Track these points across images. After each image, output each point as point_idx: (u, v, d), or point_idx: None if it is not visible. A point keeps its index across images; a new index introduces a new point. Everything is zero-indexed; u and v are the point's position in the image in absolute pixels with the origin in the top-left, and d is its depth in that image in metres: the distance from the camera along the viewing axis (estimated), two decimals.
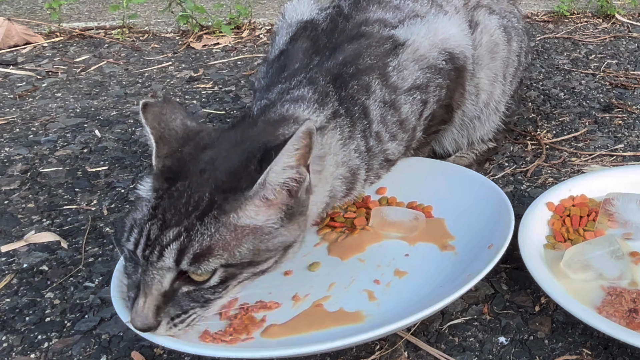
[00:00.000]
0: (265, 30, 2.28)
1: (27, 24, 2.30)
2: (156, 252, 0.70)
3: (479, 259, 0.85)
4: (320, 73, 0.94)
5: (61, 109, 1.61)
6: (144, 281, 0.71)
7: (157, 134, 0.75)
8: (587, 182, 1.04)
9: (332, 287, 0.87)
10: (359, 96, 0.94)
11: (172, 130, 0.76)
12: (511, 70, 1.22)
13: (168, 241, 0.70)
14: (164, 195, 0.72)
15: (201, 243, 0.70)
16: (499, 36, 1.17)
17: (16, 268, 1.00)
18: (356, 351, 0.81)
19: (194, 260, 0.70)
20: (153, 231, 0.71)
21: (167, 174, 0.74)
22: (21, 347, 0.84)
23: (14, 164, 1.33)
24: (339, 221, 1.00)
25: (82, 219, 1.13)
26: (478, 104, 1.17)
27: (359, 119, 0.94)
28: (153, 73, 1.87)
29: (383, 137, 0.98)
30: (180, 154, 0.76)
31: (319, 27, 1.03)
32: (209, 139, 0.79)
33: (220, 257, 0.71)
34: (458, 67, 1.07)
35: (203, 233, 0.70)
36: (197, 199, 0.71)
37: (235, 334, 0.79)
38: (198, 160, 0.75)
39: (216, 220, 0.71)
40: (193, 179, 0.73)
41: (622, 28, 2.20)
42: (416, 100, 1.00)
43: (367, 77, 0.96)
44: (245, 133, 0.81)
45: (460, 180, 1.04)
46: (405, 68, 0.99)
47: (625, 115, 1.47)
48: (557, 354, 0.79)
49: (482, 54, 1.14)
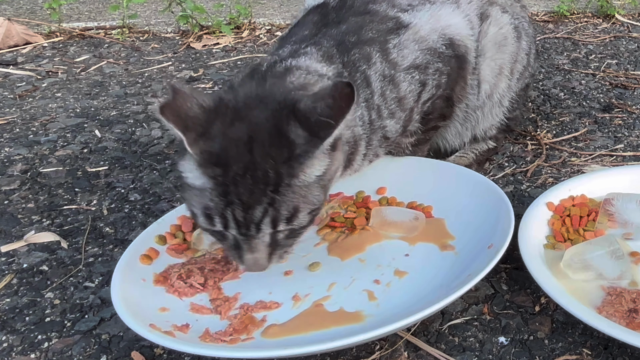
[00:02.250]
0: (265, 30, 2.28)
1: (27, 24, 2.30)
2: (253, 229, 0.79)
3: (479, 259, 0.85)
4: (325, 38, 0.99)
5: (61, 109, 1.61)
6: (248, 246, 0.80)
7: (181, 126, 0.77)
8: (587, 182, 1.04)
9: (332, 287, 0.87)
10: (360, 64, 0.98)
11: (192, 117, 0.78)
12: (519, 67, 1.23)
13: (259, 218, 0.78)
14: (226, 182, 0.77)
15: (287, 208, 0.79)
16: (508, 30, 1.19)
17: (16, 268, 1.00)
18: (356, 351, 0.81)
19: (287, 222, 0.80)
20: (238, 214, 0.77)
21: (212, 159, 0.77)
22: (21, 347, 0.84)
23: (14, 164, 1.33)
24: (339, 221, 1.00)
25: (82, 219, 1.13)
26: (480, 94, 1.18)
27: (361, 87, 0.97)
28: (153, 73, 1.87)
29: (382, 113, 1.01)
30: (210, 135, 0.78)
31: (329, 5, 1.09)
32: (231, 112, 0.81)
33: (305, 208, 0.81)
34: (459, 55, 1.09)
35: (285, 201, 0.78)
36: (262, 176, 0.77)
37: (235, 334, 0.79)
38: (235, 138, 0.78)
39: (290, 186, 0.79)
40: (245, 159, 0.77)
41: (622, 28, 2.20)
42: (414, 80, 1.03)
43: (368, 47, 0.99)
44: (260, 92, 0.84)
45: (460, 180, 1.04)
46: (405, 47, 1.03)
47: (625, 115, 1.47)
48: (557, 354, 0.79)
49: (486, 44, 1.16)
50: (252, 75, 0.90)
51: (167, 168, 1.30)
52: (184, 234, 0.98)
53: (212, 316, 0.83)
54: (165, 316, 0.81)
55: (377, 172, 1.07)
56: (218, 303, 0.85)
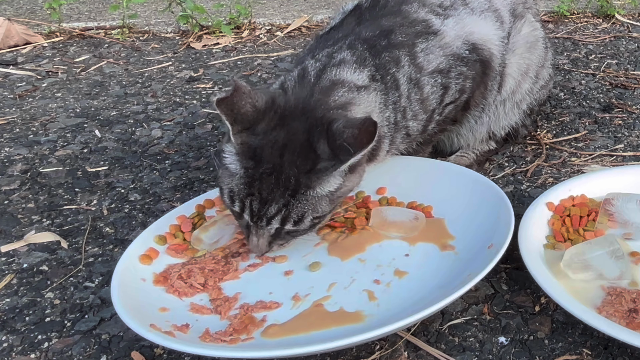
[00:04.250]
0: (265, 30, 2.28)
1: (27, 24, 2.30)
2: (264, 221, 0.89)
3: (479, 259, 0.85)
4: (358, 40, 1.04)
5: (61, 109, 1.61)
6: (256, 231, 0.90)
7: (230, 119, 0.87)
8: (587, 182, 1.04)
9: (332, 287, 0.87)
10: (391, 67, 1.03)
11: (243, 114, 0.88)
12: (545, 74, 1.26)
13: (271, 215, 0.88)
14: (255, 175, 0.87)
15: (297, 213, 0.88)
16: (540, 35, 1.24)
17: (16, 268, 1.00)
18: (356, 351, 0.81)
19: (294, 224, 0.89)
20: (255, 205, 0.88)
21: (249, 152, 0.88)
22: (21, 347, 0.84)
23: (14, 164, 1.33)
24: (339, 221, 1.00)
25: (82, 219, 1.13)
26: (505, 89, 1.20)
27: (391, 89, 1.02)
28: (153, 73, 1.87)
29: (407, 114, 1.06)
30: (254, 131, 0.89)
31: (363, 6, 1.15)
32: (277, 118, 0.90)
33: (311, 215, 0.89)
34: (483, 60, 1.12)
35: (297, 206, 0.88)
36: (285, 180, 0.86)
37: (235, 334, 0.79)
38: (272, 140, 0.88)
39: (305, 195, 0.88)
40: (275, 161, 0.87)
41: (622, 28, 2.20)
42: (437, 83, 1.07)
43: (397, 51, 1.04)
44: (305, 105, 0.92)
45: (460, 180, 1.04)
46: (431, 52, 1.07)
47: (625, 115, 1.47)
48: (557, 354, 0.79)
49: (518, 41, 1.19)
50: (302, 83, 0.98)
51: (167, 168, 1.30)
52: (184, 234, 0.98)
53: (212, 316, 0.83)
54: (165, 316, 0.81)
55: (377, 172, 1.07)
56: (218, 303, 0.85)
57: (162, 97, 1.68)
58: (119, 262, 0.88)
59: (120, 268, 0.86)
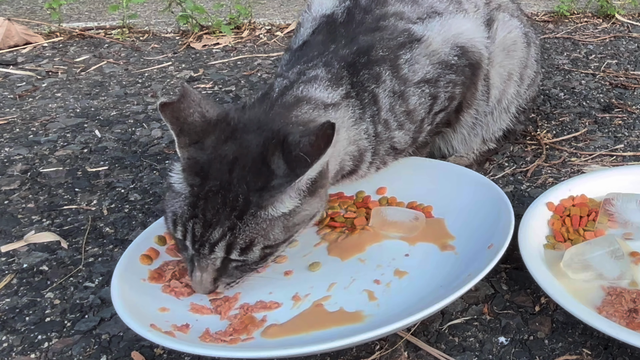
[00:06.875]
0: (265, 30, 2.28)
1: (27, 24, 2.30)
2: (207, 248, 0.79)
3: (479, 259, 0.85)
4: (336, 59, 0.98)
5: (61, 109, 1.61)
6: (198, 263, 0.81)
7: (176, 128, 0.80)
8: (587, 182, 1.04)
9: (332, 287, 0.87)
10: (369, 84, 0.98)
11: (190, 124, 0.81)
12: (530, 73, 1.23)
13: (215, 240, 0.78)
14: (200, 194, 0.79)
15: (245, 238, 0.79)
16: (517, 35, 1.18)
17: (16, 268, 1.00)
18: (356, 351, 0.81)
19: (241, 252, 0.80)
20: (197, 229, 0.79)
21: (195, 167, 0.80)
22: (21, 347, 0.84)
23: (14, 164, 1.33)
24: (339, 221, 1.00)
25: (82, 219, 1.13)
26: (490, 99, 1.18)
27: (368, 105, 0.98)
28: (153, 73, 1.87)
29: (391, 125, 1.01)
30: (203, 145, 0.81)
31: (337, 20, 1.07)
32: (229, 130, 0.83)
33: (261, 243, 0.80)
34: (473, 64, 1.09)
35: (245, 230, 0.79)
36: (232, 199, 0.78)
37: (235, 334, 0.79)
38: (222, 155, 0.80)
39: (254, 217, 0.79)
40: (223, 178, 0.78)
41: (622, 28, 2.20)
42: (425, 94, 1.03)
43: (378, 67, 0.99)
44: (262, 118, 0.85)
45: (460, 180, 1.04)
46: (417, 62, 1.02)
47: (625, 115, 1.47)
48: (557, 354, 0.79)
49: (494, 50, 1.14)
50: (263, 99, 0.91)
51: (167, 168, 1.30)
52: None
53: (212, 316, 0.83)
54: (165, 316, 0.81)
55: (377, 172, 1.07)
56: (218, 303, 0.85)
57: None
58: (119, 262, 0.88)
59: (120, 268, 0.86)
